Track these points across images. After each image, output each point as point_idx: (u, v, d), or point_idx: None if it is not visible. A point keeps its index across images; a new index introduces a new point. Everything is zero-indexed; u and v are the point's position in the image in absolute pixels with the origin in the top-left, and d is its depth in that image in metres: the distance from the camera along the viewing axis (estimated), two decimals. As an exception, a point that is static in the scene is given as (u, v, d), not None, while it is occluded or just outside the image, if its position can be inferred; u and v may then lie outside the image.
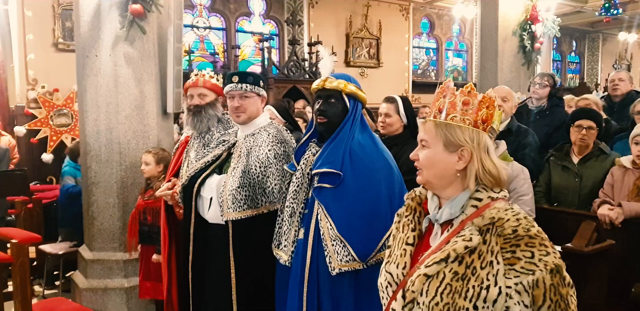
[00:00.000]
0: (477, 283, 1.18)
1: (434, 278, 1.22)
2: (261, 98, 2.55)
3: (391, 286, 1.34)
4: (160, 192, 2.83)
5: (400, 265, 1.34)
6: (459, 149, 1.29)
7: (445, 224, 1.32)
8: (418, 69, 11.23)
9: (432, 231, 1.35)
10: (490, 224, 1.24)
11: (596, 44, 14.74)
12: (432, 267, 1.23)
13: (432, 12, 11.22)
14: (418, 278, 1.24)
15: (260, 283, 2.31)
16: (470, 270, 1.20)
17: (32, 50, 6.41)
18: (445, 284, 1.21)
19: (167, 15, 3.81)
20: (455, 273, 1.21)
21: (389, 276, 1.35)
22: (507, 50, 6.18)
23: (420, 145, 1.35)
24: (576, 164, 3.12)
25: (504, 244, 1.21)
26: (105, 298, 3.67)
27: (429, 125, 1.33)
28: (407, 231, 1.39)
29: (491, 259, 1.19)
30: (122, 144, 3.66)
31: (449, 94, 1.32)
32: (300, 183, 2.18)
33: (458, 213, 1.28)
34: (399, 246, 1.38)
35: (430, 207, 1.37)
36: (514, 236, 1.20)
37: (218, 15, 8.76)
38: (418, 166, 1.34)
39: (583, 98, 4.07)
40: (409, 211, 1.43)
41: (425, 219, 1.38)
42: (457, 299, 1.18)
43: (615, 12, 8.81)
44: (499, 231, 1.22)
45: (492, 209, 1.25)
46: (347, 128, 2.12)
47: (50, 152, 6.20)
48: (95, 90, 3.63)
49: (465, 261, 1.21)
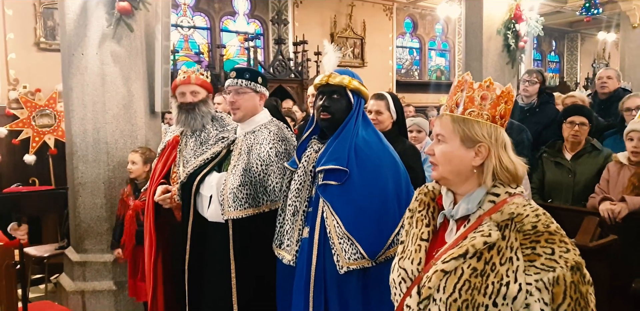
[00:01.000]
0: (496, 279, 1.17)
1: (451, 274, 1.20)
2: (259, 95, 2.50)
3: (405, 283, 1.32)
4: (158, 198, 2.76)
5: (415, 260, 1.32)
6: (476, 145, 1.27)
7: (461, 220, 1.30)
8: (402, 69, 11.27)
9: (447, 227, 1.33)
10: (509, 220, 1.22)
11: (575, 44, 14.96)
12: (449, 263, 1.21)
13: (415, 12, 11.27)
14: (435, 274, 1.22)
15: (261, 282, 2.27)
16: (489, 266, 1.18)
17: (13, 50, 6.27)
18: (463, 280, 1.19)
19: (154, 13, 3.75)
20: (474, 269, 1.19)
21: (403, 272, 1.33)
22: (492, 49, 6.22)
23: (435, 140, 1.33)
24: (569, 161, 3.15)
25: (524, 240, 1.19)
26: (93, 301, 3.61)
27: (445, 119, 1.31)
28: (421, 226, 1.37)
29: (511, 255, 1.18)
30: (110, 144, 3.60)
31: (467, 88, 1.30)
32: (302, 180, 2.13)
33: (475, 209, 1.27)
34: (413, 241, 1.36)
35: (445, 203, 1.35)
36: (533, 232, 1.19)
37: (202, 14, 8.68)
38: (433, 161, 1.31)
39: (569, 96, 4.11)
40: (422, 206, 1.41)
41: (440, 214, 1.36)
42: (476, 295, 1.17)
43: (595, 11, 8.92)
44: (518, 227, 1.20)
45: (511, 204, 1.23)
46: (352, 124, 2.09)
47: (32, 154, 6.07)
48: (82, 89, 3.57)
49: (484, 257, 1.19)
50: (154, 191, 2.84)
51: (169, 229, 2.95)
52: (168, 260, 2.97)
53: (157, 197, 2.76)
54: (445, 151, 1.29)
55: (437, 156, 1.31)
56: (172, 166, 2.90)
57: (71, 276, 3.72)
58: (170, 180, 2.87)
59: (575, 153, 3.14)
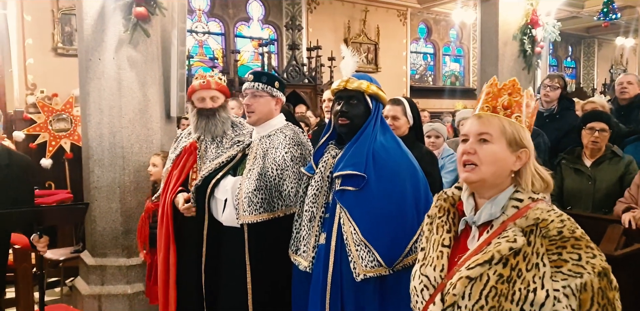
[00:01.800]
0: (523, 285, 1.14)
1: (477, 281, 1.18)
2: (275, 99, 2.48)
3: (428, 290, 1.29)
4: (183, 207, 2.67)
5: (437, 267, 1.29)
6: (519, 150, 1.26)
7: (484, 226, 1.28)
8: (416, 74, 11.24)
9: (469, 234, 1.31)
10: (533, 226, 1.20)
11: (592, 49, 14.81)
12: (475, 269, 1.19)
13: (430, 18, 11.25)
14: (460, 280, 1.20)
15: (276, 287, 2.25)
16: (515, 272, 1.16)
17: (31, 55, 6.35)
18: (489, 287, 1.17)
19: (170, 19, 3.78)
20: (500, 276, 1.17)
21: (425, 279, 1.30)
22: (508, 54, 6.19)
23: (477, 139, 1.27)
24: (589, 167, 3.10)
25: (550, 246, 1.17)
26: (108, 305, 3.61)
27: (494, 120, 1.28)
28: (442, 232, 1.35)
29: (537, 261, 1.16)
30: (126, 148, 3.61)
31: (515, 92, 1.29)
32: (319, 186, 2.11)
33: (498, 214, 1.25)
34: (435, 248, 1.33)
35: (466, 209, 1.33)
36: (559, 238, 1.17)
37: (217, 20, 8.74)
38: (474, 161, 1.26)
39: (589, 101, 4.04)
40: (442, 212, 1.39)
41: (462, 221, 1.33)
42: (503, 302, 1.15)
43: (613, 16, 8.83)
44: (544, 233, 1.19)
45: (536, 209, 1.22)
46: (370, 130, 2.07)
47: (49, 157, 6.12)
48: (99, 93, 3.59)
49: (510, 263, 1.17)
50: (172, 199, 2.77)
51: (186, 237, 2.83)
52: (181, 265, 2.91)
53: (181, 206, 2.68)
54: (494, 151, 1.25)
55: (483, 156, 1.25)
56: (191, 172, 2.83)
57: (86, 279, 3.73)
58: (188, 187, 2.80)
59: (595, 160, 3.09)
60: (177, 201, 2.71)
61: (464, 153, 1.28)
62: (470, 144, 1.28)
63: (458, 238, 1.35)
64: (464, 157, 1.28)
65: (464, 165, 1.28)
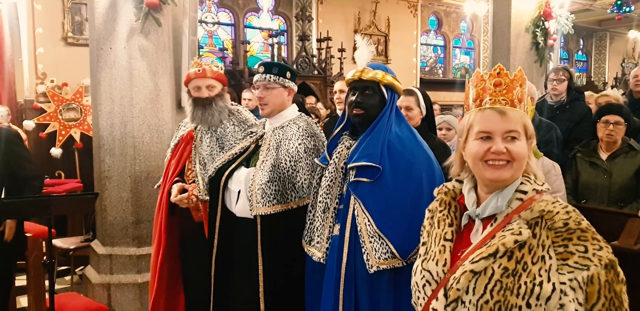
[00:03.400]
0: (529, 279, 1.12)
1: (481, 275, 1.16)
2: (288, 90, 2.46)
3: (430, 285, 1.27)
4: (175, 198, 2.67)
5: (440, 261, 1.27)
6: (529, 140, 1.26)
7: (487, 219, 1.26)
8: (426, 67, 11.17)
9: (472, 228, 1.28)
10: (539, 218, 1.18)
11: (604, 43, 14.66)
12: (479, 263, 1.16)
13: (440, 9, 11.15)
14: (464, 274, 1.17)
15: (289, 278, 2.25)
16: (521, 266, 1.14)
17: (41, 44, 6.36)
18: (494, 280, 1.14)
19: (182, 8, 3.76)
20: (505, 269, 1.14)
21: (428, 274, 1.27)
22: (520, 47, 6.11)
23: (502, 137, 1.23)
24: (605, 161, 3.07)
25: (555, 238, 1.15)
26: (118, 294, 3.63)
27: (516, 114, 1.25)
28: (444, 226, 1.32)
29: (543, 254, 1.14)
30: (136, 138, 3.61)
31: (524, 84, 1.29)
32: (333, 177, 2.09)
33: (505, 207, 1.22)
34: (437, 242, 1.31)
35: (468, 202, 1.30)
36: (565, 230, 1.15)
37: (227, 10, 8.70)
38: (507, 158, 1.22)
39: (603, 95, 4.01)
40: (442, 205, 1.36)
41: (465, 215, 1.31)
42: (508, 296, 1.12)
43: (627, 9, 8.73)
44: (549, 225, 1.17)
45: (540, 202, 1.20)
46: (385, 120, 2.04)
47: (59, 147, 6.15)
48: (110, 83, 3.58)
49: (515, 256, 1.15)
50: (169, 189, 2.76)
51: (180, 229, 2.86)
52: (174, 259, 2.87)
53: (173, 197, 2.67)
54: (524, 148, 1.23)
55: (516, 154, 1.22)
56: (187, 162, 2.81)
57: (97, 268, 3.75)
58: (184, 177, 2.79)
59: (612, 153, 3.06)
60: (172, 192, 2.70)
61: (494, 153, 1.22)
62: (500, 144, 1.23)
63: (460, 232, 1.32)
64: (495, 156, 1.22)
65: (487, 162, 1.24)
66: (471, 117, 1.28)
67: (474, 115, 1.28)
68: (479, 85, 1.30)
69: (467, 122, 1.29)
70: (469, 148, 1.27)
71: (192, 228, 2.74)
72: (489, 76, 1.29)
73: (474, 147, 1.25)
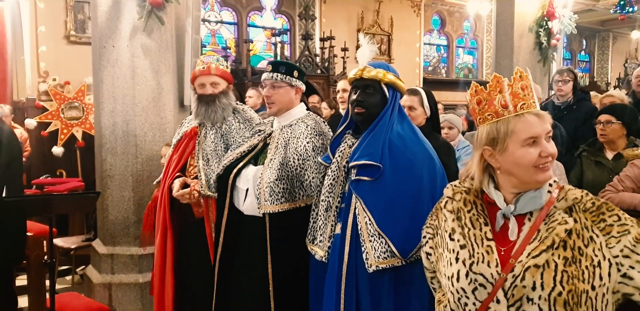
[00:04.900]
0: (588, 262, 1.18)
1: (545, 268, 1.18)
2: (295, 89, 2.45)
3: (485, 289, 1.23)
4: (177, 193, 2.67)
5: (491, 263, 1.24)
6: None
7: (520, 216, 1.28)
8: (429, 66, 11.14)
9: (504, 224, 1.29)
10: (572, 205, 1.25)
11: (606, 43, 14.63)
12: (541, 256, 1.19)
13: (444, 9, 11.13)
14: (528, 270, 1.18)
15: (296, 276, 2.24)
16: (577, 252, 1.19)
17: (43, 43, 6.35)
18: (560, 271, 1.17)
19: (185, 6, 3.74)
20: (565, 259, 1.19)
21: (481, 277, 1.24)
22: (523, 47, 6.09)
23: (545, 138, 1.26)
24: (610, 160, 3.06)
25: (593, 217, 1.23)
26: (119, 293, 3.61)
27: (544, 116, 1.28)
28: (480, 225, 1.31)
29: (590, 234, 1.21)
30: (139, 137, 3.59)
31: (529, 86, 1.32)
32: (336, 176, 2.09)
33: (544, 202, 1.26)
34: (479, 243, 1.28)
35: (498, 201, 1.30)
36: (596, 208, 1.24)
37: (230, 9, 8.69)
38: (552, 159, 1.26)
39: (608, 95, 4.01)
40: (469, 205, 1.35)
41: (499, 214, 1.30)
42: (577, 284, 1.16)
43: (630, 9, 8.70)
44: (582, 207, 1.24)
45: (569, 190, 1.27)
46: (386, 119, 2.04)
47: (60, 146, 6.14)
48: (112, 81, 3.56)
49: (568, 244, 1.20)
50: (169, 184, 2.76)
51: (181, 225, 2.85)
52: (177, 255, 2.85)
53: (175, 192, 2.67)
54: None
55: (556, 152, 1.28)
56: (190, 158, 2.82)
57: (98, 268, 3.73)
58: (186, 173, 2.80)
59: (617, 153, 3.05)
60: (173, 187, 2.70)
61: (545, 157, 1.24)
62: (550, 147, 1.25)
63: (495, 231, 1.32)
64: (546, 159, 1.24)
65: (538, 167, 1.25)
66: (510, 124, 1.26)
67: (513, 122, 1.26)
68: (506, 90, 1.28)
69: (507, 129, 1.26)
70: (517, 156, 1.25)
71: (191, 224, 2.74)
72: (514, 80, 1.29)
73: (526, 155, 1.24)
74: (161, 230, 2.83)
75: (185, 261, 2.80)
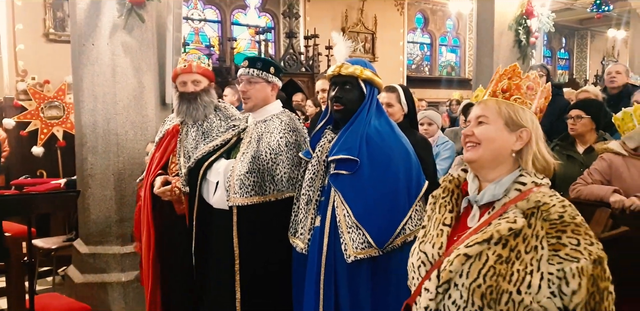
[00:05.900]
0: (521, 267, 1.17)
1: (475, 260, 1.20)
2: (271, 85, 2.47)
3: (425, 266, 1.32)
4: (158, 190, 2.67)
5: (436, 244, 1.32)
6: (519, 130, 1.31)
7: (485, 207, 1.31)
8: (412, 64, 11.21)
9: (470, 213, 1.34)
10: (534, 208, 1.23)
11: (585, 41, 14.87)
12: (473, 247, 1.21)
13: (427, 8, 11.20)
14: (457, 257, 1.22)
15: (265, 271, 2.27)
16: (514, 254, 1.19)
17: (21, 41, 6.25)
18: (488, 266, 1.19)
19: (166, 4, 3.72)
20: (499, 256, 1.19)
21: (423, 255, 1.33)
22: (503, 45, 6.17)
23: (476, 122, 1.34)
24: (582, 154, 3.14)
25: (550, 229, 1.19)
26: (101, 293, 3.59)
27: (490, 103, 1.34)
28: (444, 212, 1.38)
29: (536, 244, 1.19)
30: (120, 136, 3.56)
31: (515, 76, 1.35)
32: (316, 170, 2.14)
33: (501, 195, 1.28)
34: (435, 226, 1.36)
35: (470, 189, 1.36)
36: (560, 222, 1.19)
37: (213, 7, 8.66)
38: (473, 141, 1.32)
39: (583, 90, 4.11)
40: (446, 192, 1.41)
41: (464, 199, 1.36)
42: (500, 282, 1.17)
43: (606, 8, 8.86)
44: (545, 216, 1.21)
45: (537, 193, 1.24)
46: (364, 114, 2.09)
47: (40, 146, 6.07)
48: (92, 80, 3.53)
49: (509, 244, 1.20)
50: (152, 182, 2.76)
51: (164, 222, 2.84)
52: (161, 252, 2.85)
53: (156, 189, 2.68)
54: (490, 130, 1.31)
55: (479, 135, 1.31)
56: (171, 156, 2.83)
57: (80, 268, 3.70)
58: (168, 170, 2.80)
59: (588, 147, 3.13)
60: (155, 185, 2.70)
61: (464, 135, 1.35)
62: (469, 127, 1.35)
63: (459, 219, 1.37)
64: (465, 139, 1.35)
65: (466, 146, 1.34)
66: None
67: None
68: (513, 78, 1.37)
69: None
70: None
71: (173, 222, 2.75)
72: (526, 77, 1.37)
73: None
74: (147, 228, 2.83)
75: (170, 256, 2.81)
